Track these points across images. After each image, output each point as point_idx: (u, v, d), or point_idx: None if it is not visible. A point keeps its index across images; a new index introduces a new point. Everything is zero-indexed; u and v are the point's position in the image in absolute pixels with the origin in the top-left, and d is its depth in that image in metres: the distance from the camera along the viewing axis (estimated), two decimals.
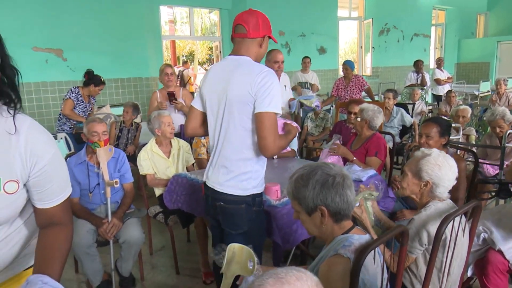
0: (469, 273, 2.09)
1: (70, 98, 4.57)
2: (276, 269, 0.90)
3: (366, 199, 1.91)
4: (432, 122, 2.57)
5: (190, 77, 10.13)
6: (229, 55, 1.96)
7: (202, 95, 2.02)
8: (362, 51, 10.23)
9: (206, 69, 14.19)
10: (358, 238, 1.42)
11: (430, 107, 7.96)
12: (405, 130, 5.32)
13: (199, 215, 2.82)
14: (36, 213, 1.16)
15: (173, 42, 11.14)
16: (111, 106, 6.09)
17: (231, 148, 1.90)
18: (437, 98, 8.15)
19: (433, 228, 1.69)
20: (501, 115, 3.42)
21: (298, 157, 3.44)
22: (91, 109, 4.84)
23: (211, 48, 14.98)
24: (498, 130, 3.45)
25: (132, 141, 4.79)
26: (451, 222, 1.61)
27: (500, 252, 1.97)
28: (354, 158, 3.06)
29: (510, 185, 2.37)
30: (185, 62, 10.42)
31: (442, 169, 1.83)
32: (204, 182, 2.06)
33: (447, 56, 12.36)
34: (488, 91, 10.28)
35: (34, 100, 5.97)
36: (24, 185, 1.08)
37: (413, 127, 5.13)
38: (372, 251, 1.37)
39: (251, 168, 1.92)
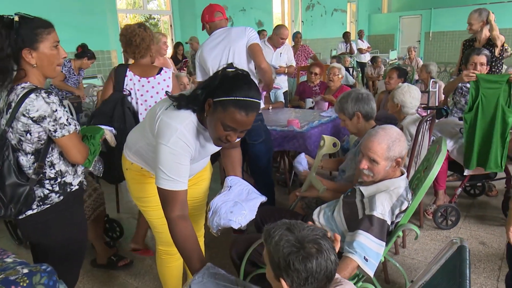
0: None
1: (61, 71, 4.96)
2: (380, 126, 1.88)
3: None
4: (394, 69, 3.84)
5: None
6: (215, 31, 2.90)
7: (205, 64, 2.88)
8: (294, 24, 11.35)
9: None
10: None
11: (355, 73, 9.42)
12: None
13: None
14: None
15: None
16: None
17: None
18: (360, 64, 9.60)
19: (412, 129, 2.80)
20: (425, 67, 4.80)
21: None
22: (81, 81, 5.28)
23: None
24: (424, 77, 4.84)
25: None
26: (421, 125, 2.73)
27: None
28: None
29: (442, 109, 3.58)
30: None
31: (405, 95, 2.94)
32: None
33: (360, 29, 14.07)
34: (395, 59, 12.11)
35: None
36: None
37: (353, 86, 6.39)
38: None
39: None
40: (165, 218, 1.58)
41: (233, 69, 1.53)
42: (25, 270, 1.29)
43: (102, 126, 2.11)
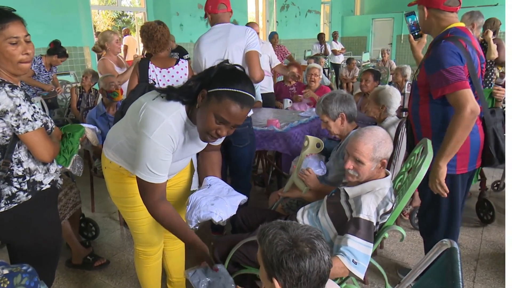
0: None
1: (30, 68, 4.76)
2: (366, 127, 1.89)
3: None
4: (369, 71, 3.85)
5: None
6: (216, 24, 2.75)
7: (200, 55, 2.76)
8: (269, 25, 11.38)
9: None
10: None
11: (329, 74, 9.54)
12: None
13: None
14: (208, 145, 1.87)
15: None
16: None
17: None
18: (334, 66, 9.73)
19: (391, 131, 2.84)
20: (400, 70, 4.90)
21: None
22: (53, 78, 5.09)
23: (114, 19, 14.72)
24: (398, 80, 4.94)
25: (92, 105, 5.19)
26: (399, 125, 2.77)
27: None
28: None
29: None
30: (98, 33, 10.35)
31: (392, 97, 2.97)
32: None
33: (333, 31, 14.26)
34: (368, 61, 12.34)
35: None
36: None
37: (330, 87, 6.45)
38: None
39: None
40: (144, 204, 1.61)
41: (230, 64, 1.54)
42: (5, 271, 1.24)
43: (84, 125, 2.03)
